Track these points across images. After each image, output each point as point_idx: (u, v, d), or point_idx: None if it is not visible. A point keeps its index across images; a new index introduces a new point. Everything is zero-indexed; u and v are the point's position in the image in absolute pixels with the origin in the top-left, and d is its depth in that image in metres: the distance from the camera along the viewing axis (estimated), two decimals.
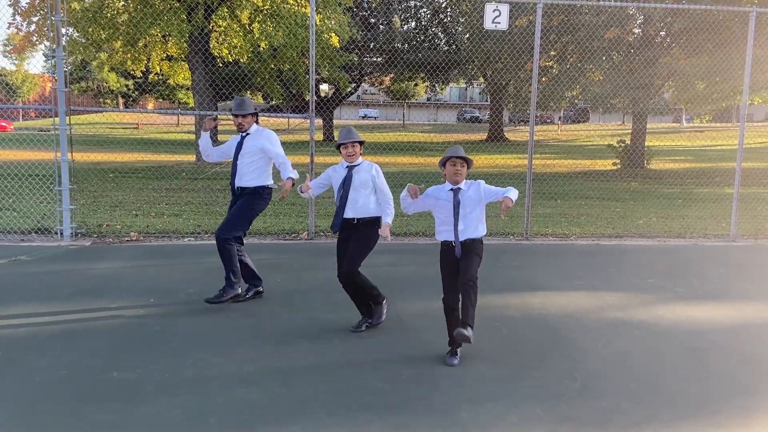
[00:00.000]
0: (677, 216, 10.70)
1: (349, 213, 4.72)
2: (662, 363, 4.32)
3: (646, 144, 20.42)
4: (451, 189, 4.20)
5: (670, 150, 26.34)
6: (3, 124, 39.25)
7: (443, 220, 4.27)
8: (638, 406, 3.64)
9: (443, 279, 4.27)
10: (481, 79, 37.77)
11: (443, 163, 4.20)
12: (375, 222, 4.74)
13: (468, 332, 3.95)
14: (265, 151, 5.47)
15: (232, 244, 5.33)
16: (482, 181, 4.28)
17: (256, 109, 5.59)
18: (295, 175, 5.38)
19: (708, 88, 17.88)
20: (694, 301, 5.77)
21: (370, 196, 4.75)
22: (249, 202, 5.46)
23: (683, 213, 11.04)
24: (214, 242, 5.32)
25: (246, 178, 5.47)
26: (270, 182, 5.57)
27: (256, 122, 5.59)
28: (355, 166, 4.75)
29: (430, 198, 4.31)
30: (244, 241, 5.71)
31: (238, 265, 5.37)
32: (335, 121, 36.87)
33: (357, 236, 4.72)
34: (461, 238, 4.18)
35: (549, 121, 54.09)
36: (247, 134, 5.51)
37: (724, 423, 3.48)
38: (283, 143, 5.64)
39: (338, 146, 4.76)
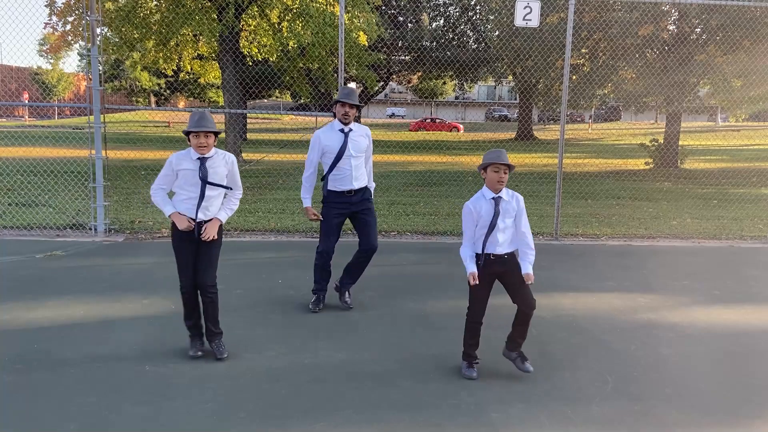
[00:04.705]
0: (712, 217, 10.45)
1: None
2: (697, 367, 4.22)
3: (679, 143, 20.00)
4: (492, 198, 3.83)
5: (704, 149, 25.75)
6: (457, 125, 40.90)
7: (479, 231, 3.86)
8: (672, 410, 3.57)
9: (478, 296, 3.91)
10: (510, 77, 37.46)
11: (484, 168, 3.83)
12: None
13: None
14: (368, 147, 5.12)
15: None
16: (521, 197, 3.94)
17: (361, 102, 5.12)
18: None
19: (745, 86, 17.43)
20: (729, 304, 5.63)
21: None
22: (374, 212, 5.21)
23: (718, 214, 10.77)
24: (244, 238, 5.36)
25: (363, 179, 5.06)
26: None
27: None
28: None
29: (473, 217, 3.86)
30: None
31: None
32: (362, 120, 36.98)
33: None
34: (499, 252, 3.84)
35: (579, 119, 53.42)
36: (351, 129, 4.95)
37: (761, 430, 3.39)
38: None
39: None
